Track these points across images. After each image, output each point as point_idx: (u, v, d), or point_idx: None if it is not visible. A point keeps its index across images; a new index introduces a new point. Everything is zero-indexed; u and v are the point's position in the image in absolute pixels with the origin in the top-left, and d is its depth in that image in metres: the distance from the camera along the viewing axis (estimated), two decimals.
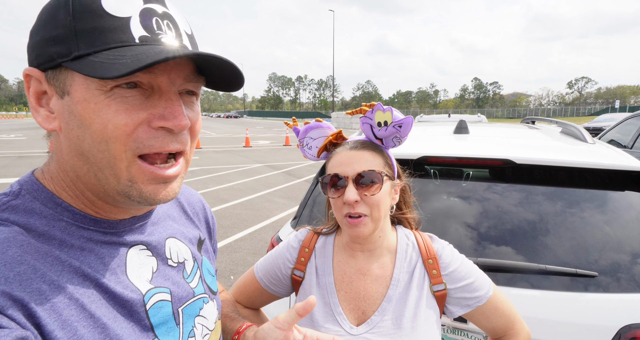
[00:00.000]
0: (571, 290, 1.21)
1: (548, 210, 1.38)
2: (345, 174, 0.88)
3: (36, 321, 0.43)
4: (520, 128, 2.49)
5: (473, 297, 0.93)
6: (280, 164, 11.16)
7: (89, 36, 0.46)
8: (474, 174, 1.56)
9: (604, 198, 1.40)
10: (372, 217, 0.88)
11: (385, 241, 0.97)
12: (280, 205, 6.40)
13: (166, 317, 0.58)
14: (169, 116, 0.50)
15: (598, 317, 1.15)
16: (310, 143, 0.99)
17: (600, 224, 1.33)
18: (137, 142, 0.49)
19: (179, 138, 0.52)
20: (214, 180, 8.46)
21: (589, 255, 1.26)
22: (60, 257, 0.48)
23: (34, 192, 0.52)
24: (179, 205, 0.76)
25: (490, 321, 0.96)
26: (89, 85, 0.47)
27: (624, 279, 1.21)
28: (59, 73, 0.48)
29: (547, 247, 1.30)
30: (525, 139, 1.91)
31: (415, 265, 0.96)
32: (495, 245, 1.36)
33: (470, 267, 0.96)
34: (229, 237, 4.78)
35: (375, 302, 0.93)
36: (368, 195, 0.87)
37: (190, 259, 0.68)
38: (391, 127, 0.89)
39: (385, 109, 0.88)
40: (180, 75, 0.51)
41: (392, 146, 0.94)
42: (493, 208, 1.44)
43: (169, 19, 0.52)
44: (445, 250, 0.97)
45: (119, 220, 0.57)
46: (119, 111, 0.47)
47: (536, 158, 1.43)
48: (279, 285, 1.05)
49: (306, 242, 1.04)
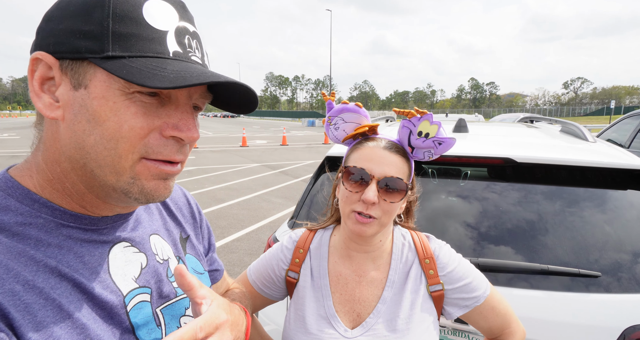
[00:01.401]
0: (574, 290, 1.19)
1: (549, 210, 1.36)
2: (372, 172, 0.84)
3: (10, 323, 0.42)
4: (520, 127, 2.48)
5: (471, 297, 0.92)
6: (277, 164, 11.13)
7: (126, 40, 0.47)
8: (474, 173, 1.54)
9: (606, 197, 1.38)
10: (380, 221, 0.86)
11: (384, 245, 0.95)
12: (277, 205, 6.37)
13: (147, 318, 0.57)
14: (183, 128, 0.51)
15: (602, 318, 1.13)
16: (339, 124, 0.94)
17: (601, 223, 1.31)
18: (147, 146, 0.50)
19: (183, 149, 0.54)
20: (210, 180, 8.41)
21: (590, 255, 1.24)
22: (35, 257, 0.47)
23: (8, 189, 0.51)
24: (161, 202, 0.74)
25: (488, 321, 0.95)
26: (111, 85, 0.48)
27: (627, 279, 1.19)
28: (80, 65, 0.48)
29: (548, 247, 1.28)
30: (525, 138, 1.89)
31: (411, 266, 0.94)
32: (495, 245, 1.33)
33: (467, 267, 0.95)
34: (226, 237, 4.74)
35: (371, 304, 0.91)
36: (387, 201, 0.84)
37: (173, 257, 0.67)
38: (430, 141, 0.86)
39: (433, 122, 0.85)
40: (198, 91, 0.54)
41: (420, 158, 0.91)
42: (493, 207, 1.42)
43: (197, 38, 0.55)
44: (442, 250, 0.95)
45: (101, 217, 0.56)
46: (138, 114, 0.48)
47: (537, 157, 1.41)
48: (273, 287, 1.02)
49: (301, 243, 1.01)
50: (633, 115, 5.52)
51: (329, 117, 0.95)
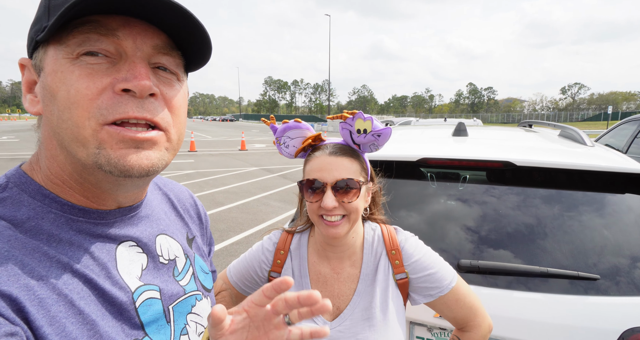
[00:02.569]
0: (573, 293, 1.20)
1: (548, 213, 1.37)
2: (324, 180, 0.90)
3: (25, 316, 0.42)
4: (519, 131, 2.50)
5: (435, 287, 0.98)
6: (276, 167, 11.13)
7: (59, 8, 0.46)
8: (472, 177, 1.55)
9: (604, 201, 1.39)
10: (349, 219, 0.92)
11: (356, 240, 1.01)
12: (276, 208, 6.37)
13: (156, 315, 0.57)
14: (130, 78, 0.48)
15: (601, 321, 1.14)
16: (287, 142, 1.01)
17: (600, 227, 1.32)
18: (101, 108, 0.47)
19: (145, 105, 0.49)
20: (210, 184, 8.40)
21: (589, 258, 1.25)
22: (49, 253, 0.48)
23: (22, 185, 0.51)
24: (169, 202, 0.75)
25: (452, 311, 1.00)
26: (58, 55, 0.47)
27: (626, 282, 1.20)
28: (38, 53, 0.49)
29: (547, 250, 1.29)
30: (525, 142, 1.91)
31: (379, 258, 1.00)
32: (495, 249, 1.34)
33: (433, 258, 1.00)
34: (225, 240, 4.73)
35: (348, 297, 0.98)
36: (345, 202, 0.90)
37: (182, 255, 0.67)
38: (370, 135, 0.92)
39: (366, 117, 0.91)
40: (147, 42, 0.50)
41: (368, 151, 0.97)
42: (493, 211, 1.43)
43: None
44: (408, 241, 1.01)
45: (108, 211, 0.56)
46: (82, 76, 0.46)
47: (536, 160, 1.42)
48: (256, 287, 1.07)
49: (281, 245, 1.06)
50: (630, 120, 5.56)
51: (277, 138, 1.01)
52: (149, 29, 0.50)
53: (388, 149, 1.68)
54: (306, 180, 0.93)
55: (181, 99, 0.56)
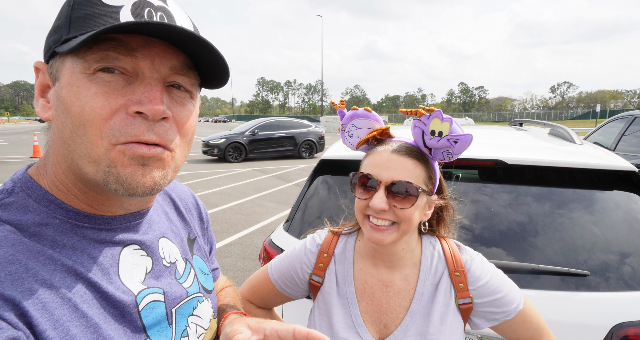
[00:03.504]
0: (563, 289, 1.22)
1: (538, 211, 1.39)
2: (379, 177, 0.81)
3: (28, 321, 0.42)
4: (509, 130, 2.53)
5: (501, 311, 0.88)
6: (270, 168, 11.10)
7: (80, 22, 0.48)
8: (464, 175, 1.57)
9: (593, 198, 1.42)
10: (399, 228, 0.82)
11: (409, 253, 0.91)
12: (270, 209, 6.35)
13: (159, 318, 0.58)
14: (144, 101, 0.48)
15: (590, 316, 1.16)
16: (352, 131, 0.92)
17: (589, 224, 1.35)
18: (114, 129, 0.47)
19: (156, 128, 0.49)
20: (203, 185, 8.35)
21: (579, 255, 1.27)
22: (53, 256, 0.48)
23: (28, 190, 0.51)
24: (171, 202, 0.75)
25: (517, 334, 0.91)
26: (74, 69, 0.47)
27: (615, 278, 1.22)
28: (55, 61, 0.50)
29: (538, 247, 1.31)
30: (515, 140, 1.93)
31: (440, 278, 0.89)
32: (487, 247, 1.36)
33: (501, 281, 0.90)
34: (219, 242, 4.71)
35: (398, 316, 0.88)
36: (397, 208, 0.80)
37: (181, 259, 0.68)
38: (445, 139, 0.79)
39: (444, 118, 0.79)
40: (165, 63, 0.50)
41: (440, 159, 0.85)
42: (484, 209, 1.44)
43: (163, 11, 0.52)
44: (474, 262, 0.90)
45: (113, 217, 0.56)
46: (98, 94, 0.47)
47: (527, 158, 1.44)
48: (296, 288, 1.00)
49: (325, 247, 0.97)
50: (618, 118, 5.67)
51: (342, 125, 0.93)
52: (168, 50, 0.51)
53: None
54: (360, 173, 0.84)
55: (192, 120, 0.56)
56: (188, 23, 0.56)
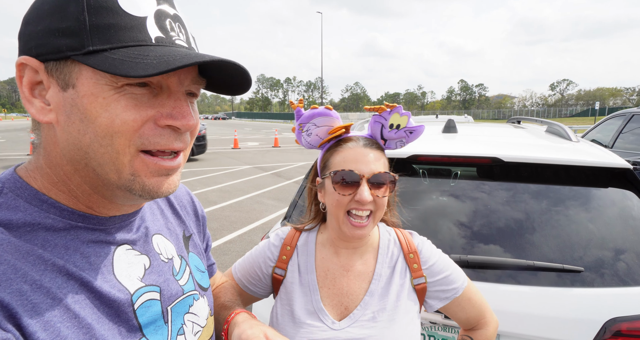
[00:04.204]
0: (558, 285, 1.23)
1: (535, 208, 1.40)
2: (361, 172, 0.86)
3: (17, 322, 0.42)
4: (507, 127, 2.54)
5: (450, 289, 0.97)
6: (270, 166, 11.11)
7: (104, 32, 0.46)
8: (462, 173, 1.58)
9: (589, 195, 1.43)
10: (374, 217, 0.89)
11: (370, 239, 0.99)
12: (270, 206, 6.37)
13: (155, 316, 0.57)
14: (177, 116, 0.50)
15: (584, 312, 1.18)
16: (311, 129, 0.93)
17: (585, 221, 1.36)
18: (143, 138, 0.49)
19: (182, 137, 0.53)
20: (202, 182, 8.36)
21: (574, 251, 1.29)
22: (43, 256, 0.47)
23: (17, 190, 0.51)
24: (165, 199, 0.75)
25: (466, 312, 1.00)
26: (99, 80, 0.47)
27: (608, 274, 1.24)
28: (64, 65, 0.47)
29: (534, 244, 1.33)
30: (512, 138, 1.94)
31: (396, 260, 0.98)
32: (484, 244, 1.37)
33: (447, 261, 1.00)
34: (218, 239, 4.73)
35: (358, 297, 0.94)
36: (380, 197, 0.86)
37: (177, 256, 0.68)
38: (402, 131, 0.90)
39: (403, 113, 0.89)
40: (188, 76, 0.52)
41: (393, 148, 0.95)
42: (482, 206, 1.46)
43: (179, 21, 0.53)
44: (425, 245, 1.01)
45: (108, 217, 0.56)
46: (128, 107, 0.47)
47: (523, 156, 1.45)
48: (259, 285, 1.04)
49: (288, 240, 1.03)
50: (616, 116, 5.68)
51: (300, 125, 0.93)
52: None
53: None
54: (341, 170, 0.87)
55: (198, 119, 0.58)
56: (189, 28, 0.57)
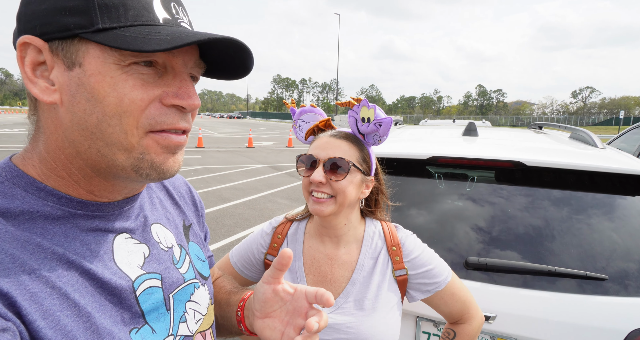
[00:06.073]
0: (581, 292, 1.21)
1: (556, 215, 1.38)
2: (318, 156, 0.95)
3: (17, 311, 0.42)
4: (529, 132, 2.49)
5: (432, 282, 1.01)
6: (283, 165, 11.17)
7: (113, 11, 0.46)
8: (481, 177, 1.56)
9: (614, 203, 1.39)
10: (336, 200, 0.95)
11: (352, 230, 1.04)
12: (283, 205, 6.41)
13: (157, 303, 0.58)
14: (183, 95, 0.51)
15: (607, 320, 1.15)
16: (302, 125, 1.06)
17: (609, 229, 1.32)
18: (149, 118, 0.49)
19: (186, 117, 0.54)
20: (217, 180, 8.47)
21: (597, 258, 1.26)
22: (42, 244, 0.47)
23: (13, 179, 0.50)
24: (164, 189, 0.75)
25: (448, 306, 1.03)
26: (106, 59, 0.46)
27: (634, 284, 1.20)
28: (70, 44, 0.47)
29: (554, 252, 1.30)
30: (535, 143, 1.91)
31: (380, 252, 1.03)
32: (502, 250, 1.35)
33: (431, 255, 1.04)
34: (231, 236, 4.78)
35: (341, 285, 1.00)
36: (333, 180, 0.94)
37: (176, 245, 0.68)
38: (372, 124, 0.93)
39: (370, 106, 0.93)
40: (192, 58, 0.53)
41: (372, 143, 0.99)
42: (501, 210, 1.44)
43: (182, 5, 0.55)
44: (408, 238, 1.05)
45: (108, 203, 0.56)
46: (136, 86, 0.48)
47: (546, 161, 1.43)
48: (252, 269, 1.13)
49: (279, 229, 1.11)
50: None
51: (294, 122, 1.06)
52: (193, 46, 0.53)
53: (398, 147, 1.69)
54: (302, 154, 0.99)
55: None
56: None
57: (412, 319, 1.33)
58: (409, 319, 1.33)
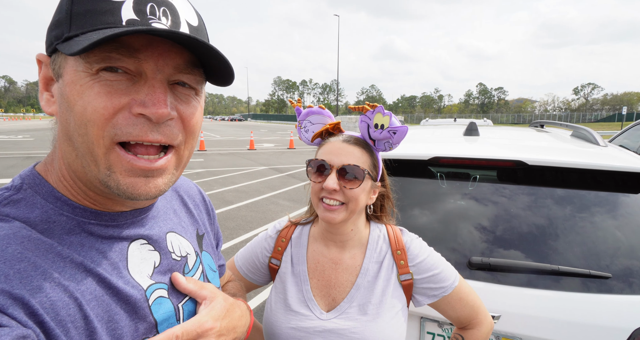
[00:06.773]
0: (584, 291, 1.20)
1: (558, 213, 1.38)
2: (332, 162, 0.92)
3: (38, 319, 0.42)
4: (530, 131, 2.49)
5: (439, 287, 0.99)
6: (285, 167, 11.18)
7: (81, 19, 0.46)
8: (483, 176, 1.56)
9: (617, 201, 1.39)
10: (347, 207, 0.93)
11: (357, 234, 1.02)
12: (285, 207, 6.41)
13: (168, 314, 0.58)
14: (148, 103, 0.47)
15: (611, 319, 1.14)
16: (308, 126, 1.04)
17: (613, 227, 1.32)
18: (116, 128, 0.47)
19: (160, 129, 0.49)
20: (219, 182, 8.49)
21: (600, 259, 1.26)
22: (62, 253, 0.48)
23: (36, 186, 0.51)
24: (179, 198, 0.75)
25: (456, 311, 1.01)
26: (77, 68, 0.46)
27: (637, 281, 1.20)
28: (57, 57, 0.49)
29: (558, 251, 1.30)
30: (536, 142, 1.90)
31: (384, 256, 1.01)
32: (505, 249, 1.35)
33: (437, 259, 1.02)
34: (234, 238, 4.79)
35: (345, 289, 0.99)
36: (347, 188, 0.91)
37: (193, 252, 0.68)
38: (386, 131, 0.92)
39: (385, 113, 0.92)
40: (169, 63, 0.49)
41: (382, 150, 0.98)
42: (504, 210, 1.44)
43: (167, 6, 0.50)
44: (413, 242, 1.03)
45: (120, 213, 0.56)
46: (100, 94, 0.46)
47: (548, 160, 1.43)
48: (257, 273, 1.12)
49: (283, 233, 1.10)
50: None
51: (299, 122, 1.03)
52: (172, 49, 0.49)
53: (400, 148, 1.70)
54: (314, 160, 0.96)
55: (197, 117, 0.55)
56: (192, 16, 0.54)
57: (416, 319, 1.33)
58: (413, 320, 1.33)
